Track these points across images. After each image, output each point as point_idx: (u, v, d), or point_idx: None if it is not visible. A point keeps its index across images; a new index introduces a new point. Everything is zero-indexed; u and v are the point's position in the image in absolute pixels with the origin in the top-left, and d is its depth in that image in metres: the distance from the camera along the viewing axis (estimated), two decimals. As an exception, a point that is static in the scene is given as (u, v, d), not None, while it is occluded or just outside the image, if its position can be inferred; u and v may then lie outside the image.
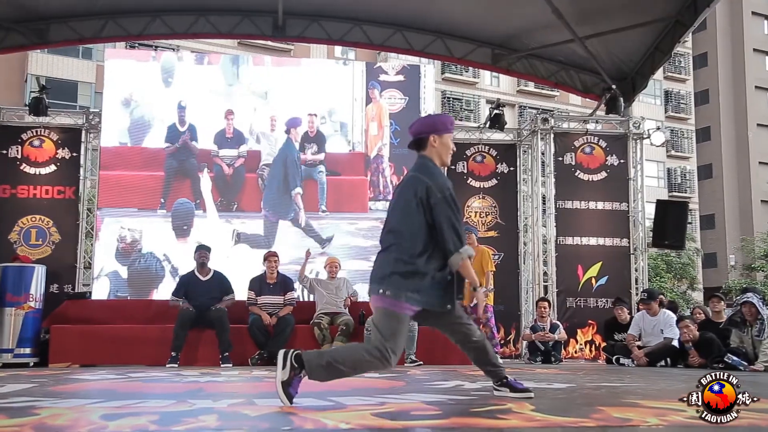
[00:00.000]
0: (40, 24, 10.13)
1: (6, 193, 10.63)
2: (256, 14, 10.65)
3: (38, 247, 10.51)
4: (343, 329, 8.59)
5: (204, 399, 3.82)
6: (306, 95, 11.31)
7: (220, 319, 8.38)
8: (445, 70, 34.87)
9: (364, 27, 10.86)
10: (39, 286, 8.86)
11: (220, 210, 10.88)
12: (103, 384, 5.20)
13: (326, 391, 4.59)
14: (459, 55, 11.28)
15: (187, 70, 11.28)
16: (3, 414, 2.95)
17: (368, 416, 2.95)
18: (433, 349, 8.67)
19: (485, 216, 11.58)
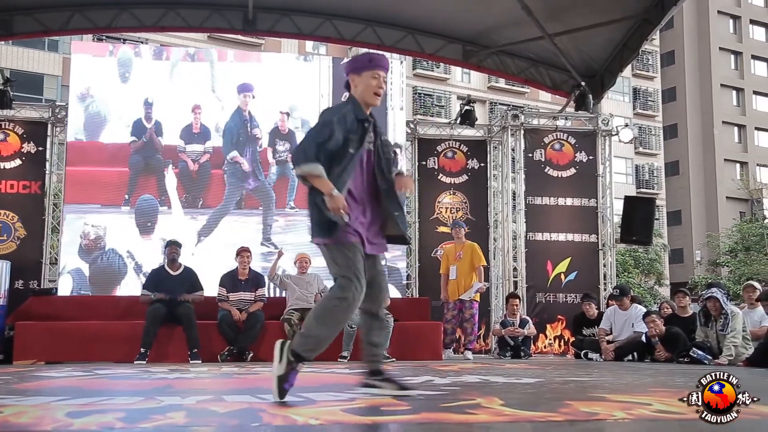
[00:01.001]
0: (4, 15, 9.95)
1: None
2: (226, 8, 10.58)
3: (3, 243, 10.34)
4: (313, 325, 8.56)
5: (172, 396, 3.78)
6: (273, 91, 11.23)
7: (188, 315, 8.31)
8: (416, 66, 34.90)
9: (335, 22, 10.84)
10: (3, 282, 8.72)
11: (185, 206, 10.77)
12: (69, 381, 5.13)
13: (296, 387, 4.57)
14: (430, 51, 11.31)
15: (146, 65, 11.10)
16: (-35, 412, 2.90)
17: (338, 412, 2.94)
18: (404, 345, 8.69)
19: (456, 212, 11.63)
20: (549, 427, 2.59)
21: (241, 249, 9.12)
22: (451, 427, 2.60)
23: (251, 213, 10.99)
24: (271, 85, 11.21)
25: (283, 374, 3.45)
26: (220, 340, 8.49)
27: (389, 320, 8.56)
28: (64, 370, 6.48)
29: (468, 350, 9.50)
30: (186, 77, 11.08)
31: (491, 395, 3.62)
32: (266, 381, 5.16)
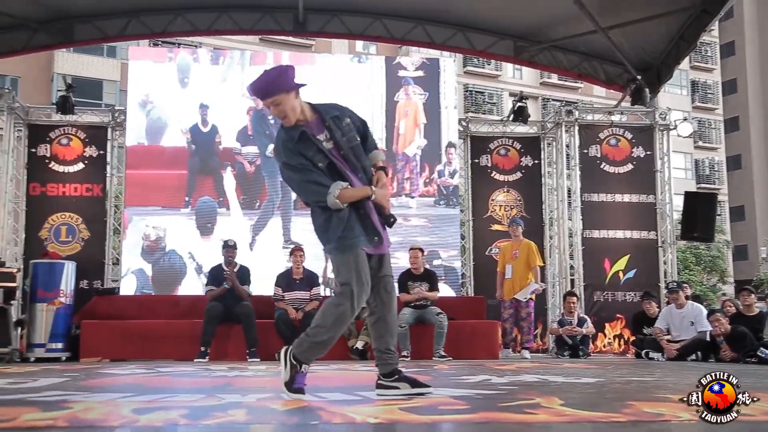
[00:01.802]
0: (66, 23, 10.26)
1: (36, 191, 10.79)
2: (277, 10, 10.70)
3: (68, 244, 10.65)
4: (368, 324, 8.59)
5: (232, 393, 3.85)
6: (325, 92, 11.30)
7: (247, 315, 8.43)
8: (466, 63, 34.74)
9: (384, 21, 10.87)
10: (69, 282, 8.97)
11: (243, 207, 10.93)
12: (133, 378, 5.25)
13: (353, 385, 4.60)
14: (481, 47, 11.24)
15: (204, 70, 11.30)
16: (37, 407, 3.00)
17: (396, 411, 2.94)
18: (460, 344, 8.66)
19: (510, 209, 11.53)
20: (611, 427, 2.55)
21: (294, 248, 9.20)
22: (511, 426, 2.57)
23: (306, 213, 11.05)
24: (324, 87, 11.30)
25: (288, 380, 3.51)
26: (278, 339, 8.57)
27: (443, 319, 8.54)
28: (128, 367, 6.64)
29: (525, 349, 9.40)
30: (241, 80, 11.25)
31: (550, 395, 3.57)
32: (324, 379, 5.22)
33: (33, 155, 10.85)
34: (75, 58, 28.77)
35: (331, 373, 5.97)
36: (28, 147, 10.86)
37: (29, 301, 8.84)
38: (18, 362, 8.11)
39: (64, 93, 10.79)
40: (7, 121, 10.59)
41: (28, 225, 10.75)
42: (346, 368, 6.62)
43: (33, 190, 10.80)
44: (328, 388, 4.42)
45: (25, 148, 10.86)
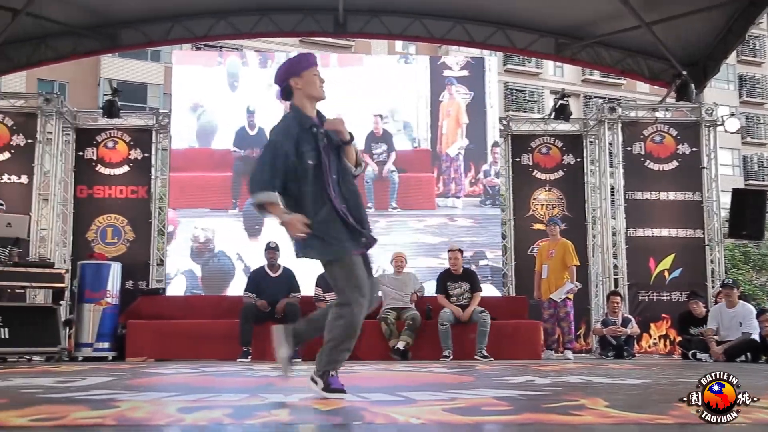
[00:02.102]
0: (111, 29, 10.46)
1: (83, 193, 11.03)
2: (317, 11, 10.75)
3: (114, 245, 10.86)
4: (409, 324, 8.59)
5: (275, 393, 3.88)
6: (372, 93, 11.34)
7: (293, 314, 8.47)
8: (507, 61, 34.48)
9: (424, 21, 10.85)
10: (115, 283, 9.14)
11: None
12: (178, 378, 5.33)
13: (395, 386, 4.60)
14: (521, 45, 11.15)
15: (252, 73, 11.41)
16: (85, 406, 3.06)
17: (439, 411, 2.93)
18: (502, 345, 8.60)
19: (552, 208, 11.41)
20: (658, 429, 2.50)
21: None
22: (555, 428, 2.54)
23: None
24: (371, 87, 11.32)
25: (323, 387, 3.56)
26: (319, 339, 8.61)
27: (486, 318, 8.49)
28: (173, 367, 6.74)
29: (567, 350, 9.30)
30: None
31: (595, 396, 3.53)
32: (365, 380, 5.22)
33: (80, 158, 11.09)
34: (120, 63, 29.31)
35: (372, 373, 5.97)
36: (75, 150, 11.11)
37: (77, 301, 9.03)
38: (66, 361, 8.29)
39: (110, 97, 11.00)
40: (56, 126, 10.84)
41: (75, 227, 10.99)
42: (387, 368, 6.62)
43: (80, 193, 11.04)
44: (370, 388, 4.43)
45: (72, 151, 11.11)
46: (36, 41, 10.33)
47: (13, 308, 8.42)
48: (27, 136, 10.57)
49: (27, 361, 8.28)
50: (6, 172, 10.43)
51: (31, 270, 8.44)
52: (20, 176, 10.47)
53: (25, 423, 2.55)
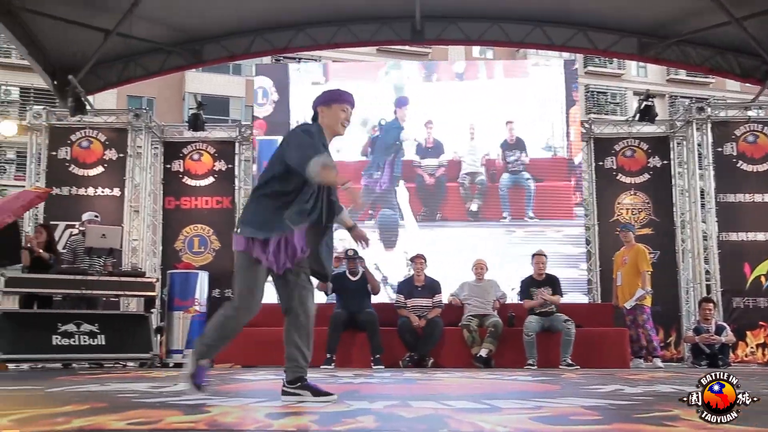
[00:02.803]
0: (196, 45, 10.79)
1: (171, 204, 11.41)
2: (394, 20, 10.79)
3: (200, 255, 11.18)
4: (491, 331, 8.51)
5: (360, 400, 3.89)
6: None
7: (372, 322, 8.53)
8: (587, 63, 33.78)
9: (501, 25, 10.73)
10: (203, 291, 9.41)
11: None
12: (265, 384, 5.43)
13: (479, 393, 4.55)
14: (603, 46, 10.89)
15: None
16: (179, 410, 3.15)
17: (526, 420, 2.88)
18: (588, 353, 8.40)
19: (638, 213, 11.09)
20: (762, 443, 2.38)
21: (415, 256, 9.25)
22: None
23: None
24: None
25: (192, 372, 3.86)
26: (401, 346, 8.64)
27: (570, 326, 8.32)
28: (259, 373, 6.87)
29: (656, 358, 9.01)
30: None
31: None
32: (449, 387, 5.19)
33: (168, 171, 11.49)
34: (203, 78, 30.19)
35: (455, 381, 5.94)
36: (163, 163, 11.52)
37: (167, 309, 9.34)
38: (158, 367, 8.57)
39: (195, 111, 11.36)
40: (145, 140, 11.27)
41: (164, 237, 11.37)
42: (470, 376, 6.57)
43: (168, 204, 11.43)
44: (454, 395, 4.39)
45: (161, 164, 11.52)
46: (126, 59, 10.76)
47: (108, 316, 8.79)
48: (118, 151, 11.02)
49: (122, 367, 8.60)
50: (100, 185, 10.91)
51: (125, 279, 8.79)
52: (113, 189, 10.93)
53: (123, 426, 2.64)
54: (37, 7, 9.02)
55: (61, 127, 11.03)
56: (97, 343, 8.26)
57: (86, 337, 8.22)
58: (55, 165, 10.88)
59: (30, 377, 6.61)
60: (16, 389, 4.85)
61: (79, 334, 8.18)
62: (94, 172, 10.95)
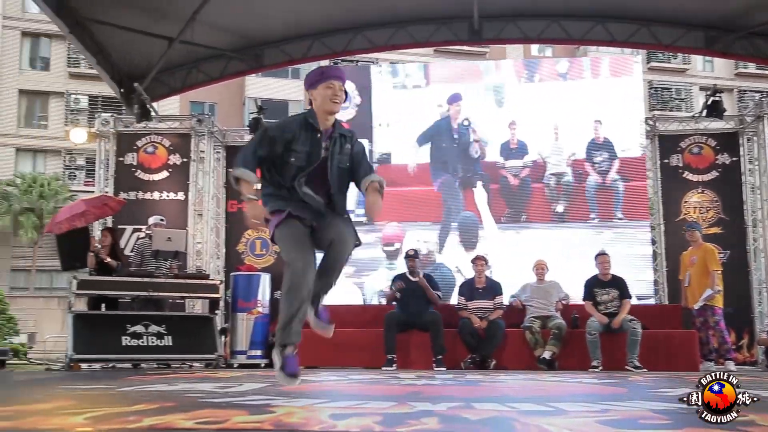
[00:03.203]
0: (256, 50, 10.96)
1: (233, 207, 11.60)
2: (451, 20, 10.74)
3: (262, 257, 11.34)
4: (555, 333, 8.39)
5: (423, 402, 3.88)
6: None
7: (435, 323, 8.51)
8: (650, 58, 33.03)
9: (561, 22, 10.57)
10: (265, 293, 9.54)
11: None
12: (328, 385, 5.47)
13: (544, 396, 4.48)
14: (667, 41, 10.61)
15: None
16: (244, 410, 3.20)
17: (593, 423, 2.82)
18: (656, 355, 8.20)
19: (706, 211, 10.78)
20: None
21: (476, 257, 9.20)
22: (723, 445, 2.38)
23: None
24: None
25: (281, 364, 3.98)
26: (462, 348, 8.60)
27: (636, 326, 8.13)
28: (321, 374, 6.93)
29: (728, 360, 8.73)
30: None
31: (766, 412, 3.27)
32: (513, 389, 5.14)
33: (230, 174, 11.66)
34: (263, 82, 30.65)
35: (518, 383, 5.87)
36: (225, 167, 11.72)
37: (231, 310, 9.50)
38: (223, 368, 8.73)
39: (256, 115, 11.51)
40: (208, 144, 11.50)
41: (227, 240, 11.57)
42: (534, 378, 6.48)
43: (231, 207, 11.62)
44: (518, 398, 4.34)
45: (223, 168, 11.73)
46: (188, 66, 11.00)
47: (174, 318, 9.01)
48: (182, 156, 11.27)
49: (188, 367, 8.79)
50: (165, 189, 11.17)
51: (190, 281, 8.99)
52: (177, 193, 11.18)
53: (191, 425, 2.69)
54: (105, 18, 9.30)
55: (127, 133, 11.34)
56: (164, 344, 8.47)
57: (154, 338, 8.43)
58: (123, 170, 11.20)
59: (102, 377, 6.82)
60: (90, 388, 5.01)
61: (147, 335, 8.40)
62: (159, 176, 11.22)
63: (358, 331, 8.98)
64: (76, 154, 28.97)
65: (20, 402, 3.98)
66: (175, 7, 9.34)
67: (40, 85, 29.79)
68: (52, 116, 29.86)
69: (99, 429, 2.65)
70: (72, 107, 29.26)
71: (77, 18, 9.07)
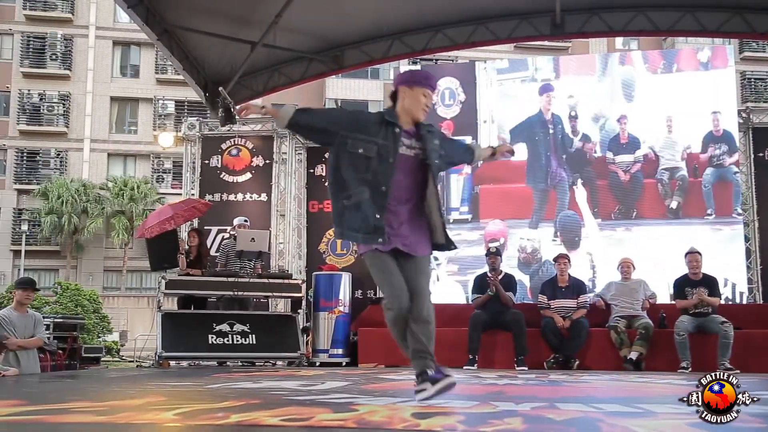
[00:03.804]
0: (337, 51, 11.05)
1: (315, 208, 11.75)
2: (533, 15, 10.55)
3: (343, 256, 11.44)
4: (641, 333, 8.15)
5: (506, 402, 3.84)
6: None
7: (518, 322, 8.41)
8: (743, 48, 31.65)
9: (648, 13, 10.22)
10: (346, 292, 9.64)
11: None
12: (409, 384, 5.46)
13: (630, 397, 4.36)
14: (763, 29, 10.10)
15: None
16: (328, 408, 3.24)
17: (683, 426, 2.73)
18: (750, 356, 7.86)
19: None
20: None
21: (558, 256, 9.04)
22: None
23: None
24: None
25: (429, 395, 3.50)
26: (545, 348, 8.46)
27: (728, 329, 7.80)
28: (402, 373, 6.94)
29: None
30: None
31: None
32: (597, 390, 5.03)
33: (311, 175, 11.84)
34: (343, 83, 30.97)
35: (604, 383, 5.74)
36: (307, 168, 11.89)
37: (312, 309, 9.64)
38: (306, 366, 8.87)
39: (337, 115, 11.62)
40: (290, 146, 11.69)
41: (309, 240, 11.73)
42: (619, 379, 6.32)
43: (312, 208, 11.78)
44: (604, 398, 4.25)
45: (305, 169, 11.90)
46: (270, 69, 11.20)
47: (258, 317, 9.22)
48: (265, 158, 11.50)
49: (272, 365, 8.98)
50: (248, 191, 11.42)
51: (273, 281, 9.16)
52: (260, 194, 11.41)
53: (277, 422, 2.75)
54: (190, 25, 9.59)
55: (212, 136, 11.65)
56: (248, 343, 8.67)
57: (239, 336, 8.64)
58: (208, 173, 11.51)
59: (189, 374, 7.04)
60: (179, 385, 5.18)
61: (232, 334, 8.62)
62: (242, 178, 11.47)
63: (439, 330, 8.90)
64: (163, 158, 30.00)
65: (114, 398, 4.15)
66: (258, 12, 9.53)
67: (130, 92, 30.99)
68: (142, 122, 31.03)
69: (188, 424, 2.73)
70: (160, 113, 30.32)
71: (164, 26, 9.38)
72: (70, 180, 28.91)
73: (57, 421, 2.81)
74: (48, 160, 29.86)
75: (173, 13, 9.31)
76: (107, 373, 7.70)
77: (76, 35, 30.54)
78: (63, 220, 28.08)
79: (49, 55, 29.92)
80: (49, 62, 29.92)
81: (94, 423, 2.78)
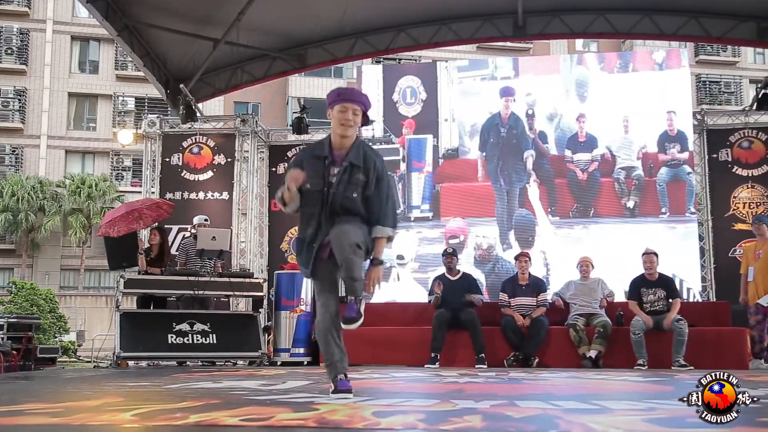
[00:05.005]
0: (300, 50, 11.03)
1: (277, 206, 11.61)
2: (495, 17, 10.67)
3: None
4: (600, 331, 8.27)
5: (465, 399, 3.87)
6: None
7: (472, 321, 8.47)
8: (698, 51, 32.33)
9: (607, 16, 10.42)
10: (308, 291, 9.59)
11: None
12: (370, 383, 5.48)
13: (588, 394, 4.43)
14: (717, 33, 10.37)
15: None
16: (288, 408, 3.23)
17: (639, 422, 2.79)
18: (703, 353, 8.03)
19: (756, 207, 10.52)
20: None
21: (520, 254, 9.12)
22: (775, 444, 2.33)
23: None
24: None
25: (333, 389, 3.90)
26: (505, 346, 8.54)
27: (683, 326, 7.97)
28: (364, 372, 6.96)
29: (782, 360, 8.49)
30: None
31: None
32: (556, 387, 5.09)
33: (273, 174, 11.79)
34: (306, 81, 30.83)
35: (562, 381, 5.82)
36: (269, 166, 11.83)
37: (274, 309, 9.59)
38: (267, 365, 8.81)
39: (299, 114, 11.59)
40: (252, 144, 11.61)
41: (270, 238, 11.67)
42: (578, 376, 6.41)
43: (274, 206, 11.67)
44: (562, 396, 4.30)
45: (267, 167, 11.84)
46: (233, 67, 11.13)
47: (219, 316, 9.14)
48: (227, 156, 11.39)
49: (233, 365, 8.91)
50: (210, 189, 11.32)
51: (234, 280, 9.09)
52: (222, 193, 11.31)
53: (237, 422, 2.74)
54: (151, 21, 9.47)
55: (173, 134, 11.50)
56: (209, 342, 8.59)
57: (199, 336, 8.56)
58: (168, 171, 11.36)
59: (148, 374, 6.95)
60: (137, 385, 5.11)
61: (192, 333, 8.53)
62: (204, 176, 11.35)
63: (400, 329, 8.98)
64: (123, 156, 29.57)
65: (69, 399, 4.09)
66: (221, 10, 9.46)
67: (88, 88, 30.47)
68: (101, 118, 30.53)
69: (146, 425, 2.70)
70: (119, 109, 29.87)
71: (126, 22, 9.26)
72: (26, 177, 28.33)
73: (10, 423, 2.76)
74: (2, 156, 29.27)
75: (135, 9, 9.20)
76: (63, 374, 7.56)
77: (32, 29, 29.92)
78: (19, 218, 27.51)
79: (5, 49, 29.31)
80: (5, 56, 29.30)
81: (49, 425, 2.73)
